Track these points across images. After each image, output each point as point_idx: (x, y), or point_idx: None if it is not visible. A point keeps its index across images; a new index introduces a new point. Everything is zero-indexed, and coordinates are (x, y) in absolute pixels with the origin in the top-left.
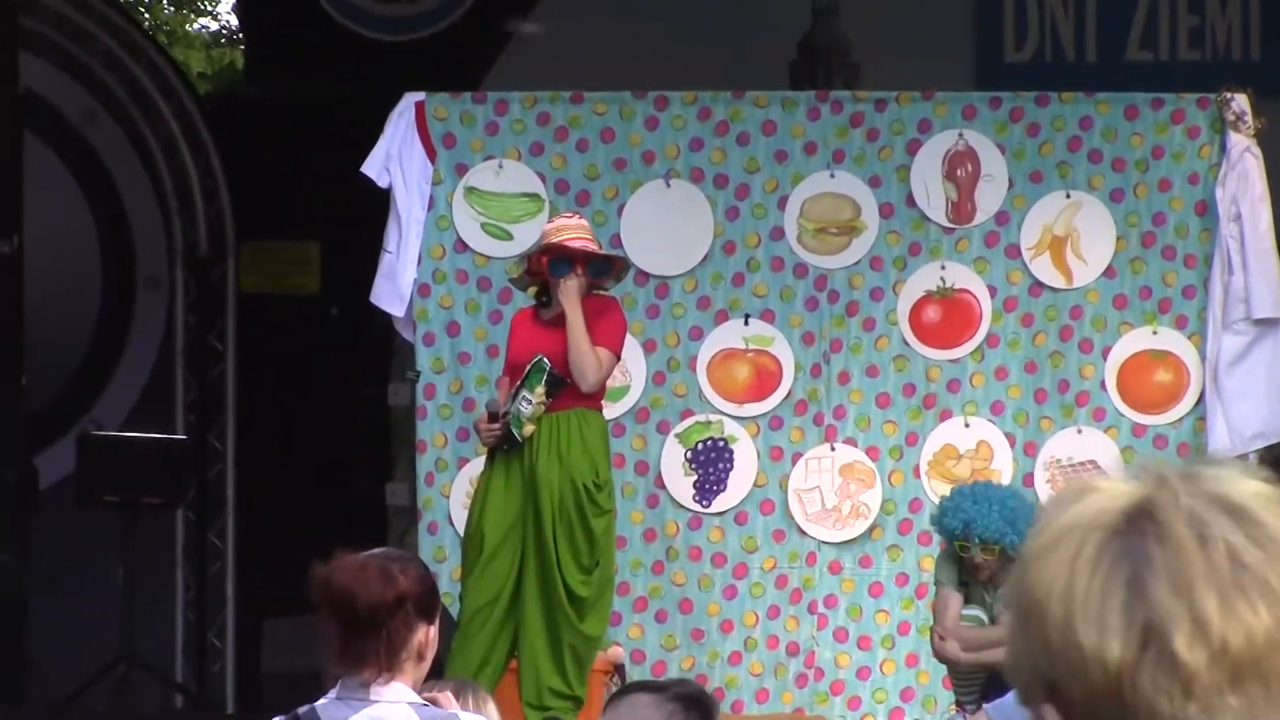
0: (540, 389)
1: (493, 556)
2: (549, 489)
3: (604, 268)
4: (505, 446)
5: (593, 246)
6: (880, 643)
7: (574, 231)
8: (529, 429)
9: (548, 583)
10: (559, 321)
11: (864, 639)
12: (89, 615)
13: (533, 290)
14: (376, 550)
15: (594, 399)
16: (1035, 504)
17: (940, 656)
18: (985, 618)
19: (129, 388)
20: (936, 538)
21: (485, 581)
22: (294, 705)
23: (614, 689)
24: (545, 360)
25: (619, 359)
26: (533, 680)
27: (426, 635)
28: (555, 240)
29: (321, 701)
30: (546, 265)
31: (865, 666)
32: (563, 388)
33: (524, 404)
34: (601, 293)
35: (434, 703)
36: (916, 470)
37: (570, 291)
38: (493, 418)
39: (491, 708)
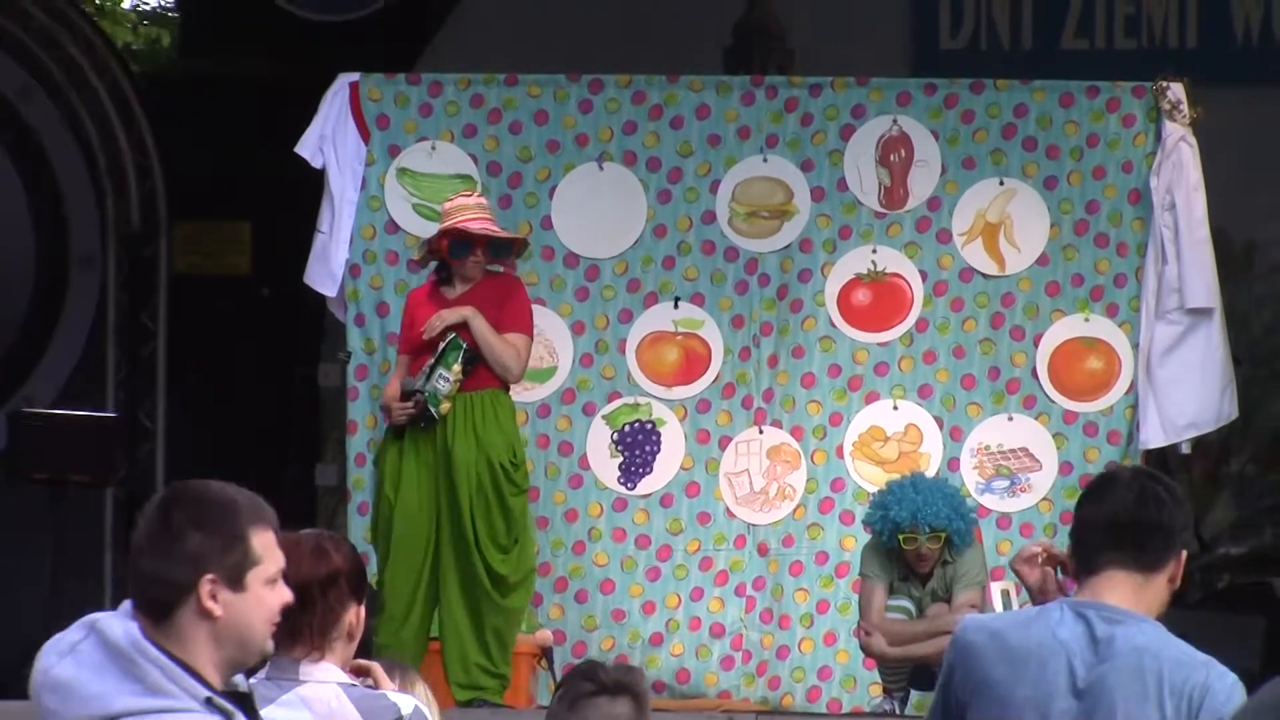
0: (457, 366)
1: (406, 537)
2: (465, 469)
3: (504, 247)
4: (422, 424)
5: (492, 227)
6: (799, 621)
7: (473, 211)
8: (445, 406)
9: (467, 563)
10: (461, 301)
11: (784, 618)
12: (17, 594)
13: (432, 266)
14: (308, 530)
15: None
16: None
17: (867, 651)
18: (913, 609)
19: (61, 365)
20: (859, 518)
21: (401, 563)
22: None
23: (542, 672)
24: (460, 339)
25: (532, 338)
26: (458, 659)
27: (357, 615)
28: (454, 221)
29: (250, 681)
30: (446, 248)
31: (784, 646)
32: (476, 364)
33: (441, 381)
34: (497, 270)
35: (363, 671)
36: (840, 450)
37: (466, 311)
38: (405, 396)
39: (421, 688)
